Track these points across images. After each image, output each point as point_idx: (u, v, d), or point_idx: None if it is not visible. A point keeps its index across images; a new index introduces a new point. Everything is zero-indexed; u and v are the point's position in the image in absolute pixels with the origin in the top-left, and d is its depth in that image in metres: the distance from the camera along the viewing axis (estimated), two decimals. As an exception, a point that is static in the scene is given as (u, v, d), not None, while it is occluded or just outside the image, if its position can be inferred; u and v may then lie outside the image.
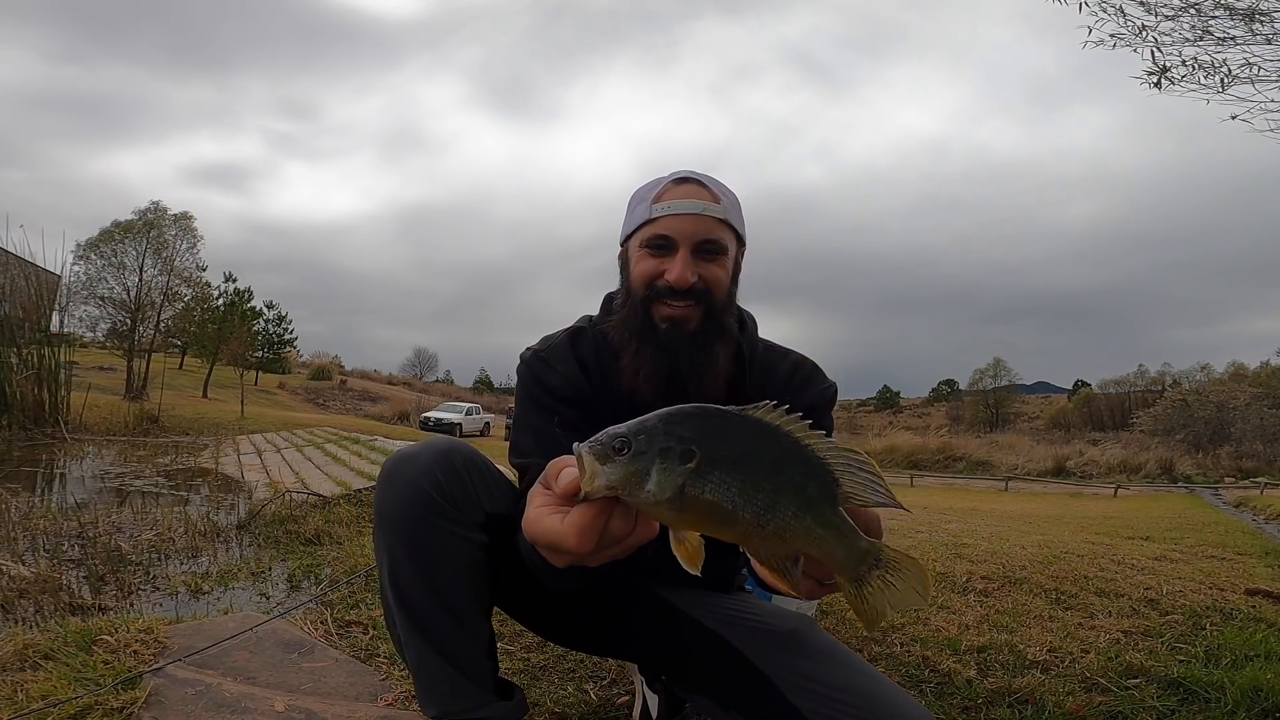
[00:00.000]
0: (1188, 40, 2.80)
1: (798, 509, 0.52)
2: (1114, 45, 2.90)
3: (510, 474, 1.06)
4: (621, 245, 1.11)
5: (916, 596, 0.54)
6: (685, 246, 1.00)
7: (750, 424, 0.53)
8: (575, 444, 0.54)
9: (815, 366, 1.13)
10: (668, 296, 1.01)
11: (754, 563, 0.61)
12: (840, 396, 1.15)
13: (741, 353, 1.07)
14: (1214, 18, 2.75)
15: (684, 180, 1.06)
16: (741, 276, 1.11)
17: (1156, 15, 2.81)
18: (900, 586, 0.54)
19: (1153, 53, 2.82)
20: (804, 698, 0.86)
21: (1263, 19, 2.68)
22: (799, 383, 1.10)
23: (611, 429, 0.53)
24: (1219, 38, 2.77)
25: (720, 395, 1.03)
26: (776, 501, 0.52)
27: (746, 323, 1.13)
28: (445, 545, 0.93)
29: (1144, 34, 2.81)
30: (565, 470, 0.57)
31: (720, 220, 1.03)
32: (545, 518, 0.59)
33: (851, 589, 0.54)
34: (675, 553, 0.54)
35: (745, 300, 1.13)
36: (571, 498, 0.55)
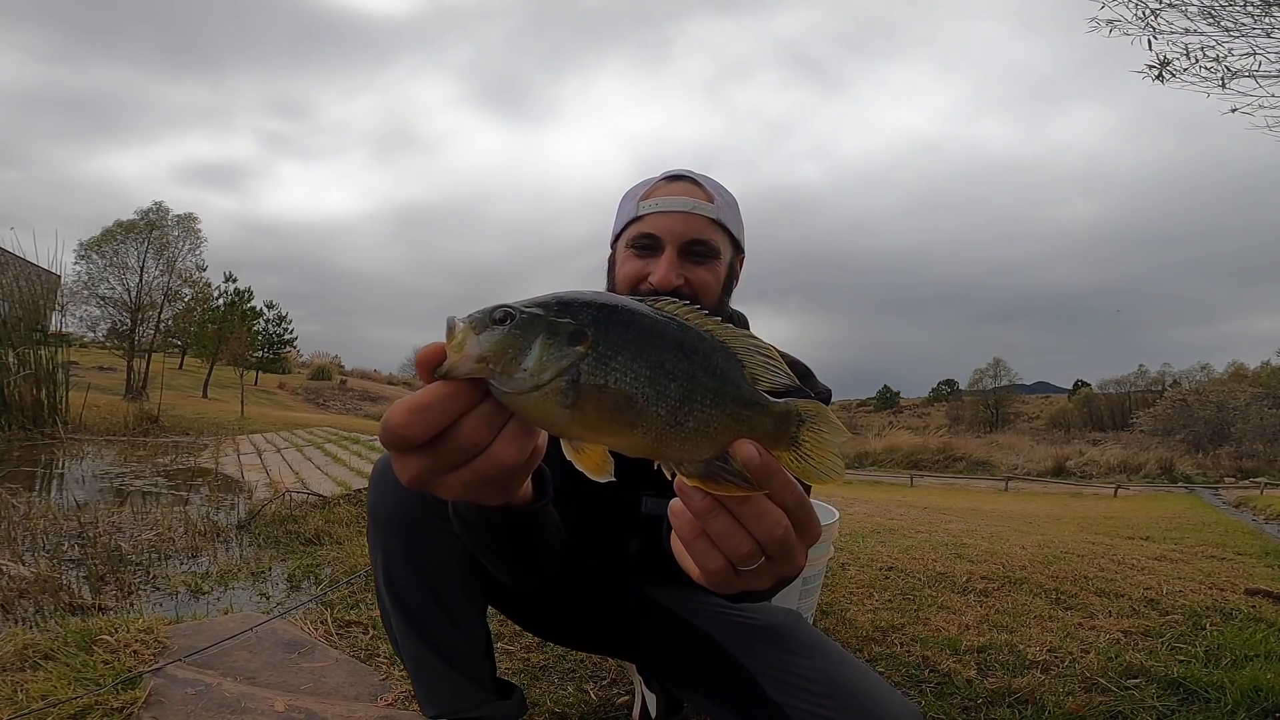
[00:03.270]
0: (1192, 30, 2.79)
1: (716, 395, 0.46)
2: (1111, 32, 2.89)
3: None
4: (611, 246, 1.07)
5: (839, 431, 0.50)
6: (672, 247, 0.95)
7: (648, 309, 0.47)
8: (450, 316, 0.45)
9: (808, 370, 1.10)
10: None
11: (676, 540, 0.51)
12: (840, 396, 1.13)
13: None
14: (1223, 4, 2.73)
15: (676, 178, 1.01)
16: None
17: (1162, 2, 2.79)
18: (827, 431, 0.49)
19: (1149, 41, 2.82)
20: (785, 693, 0.86)
21: (1273, 8, 2.66)
22: None
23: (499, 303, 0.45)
24: (1226, 27, 2.76)
25: None
26: (692, 390, 0.45)
27: (737, 324, 1.11)
28: (438, 543, 0.92)
29: (1154, 18, 2.80)
30: (431, 344, 0.45)
31: (712, 221, 0.97)
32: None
33: (792, 457, 0.49)
34: (575, 462, 0.45)
35: (742, 299, 1.11)
36: (430, 371, 0.44)
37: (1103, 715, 1.49)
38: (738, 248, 1.04)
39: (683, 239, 0.96)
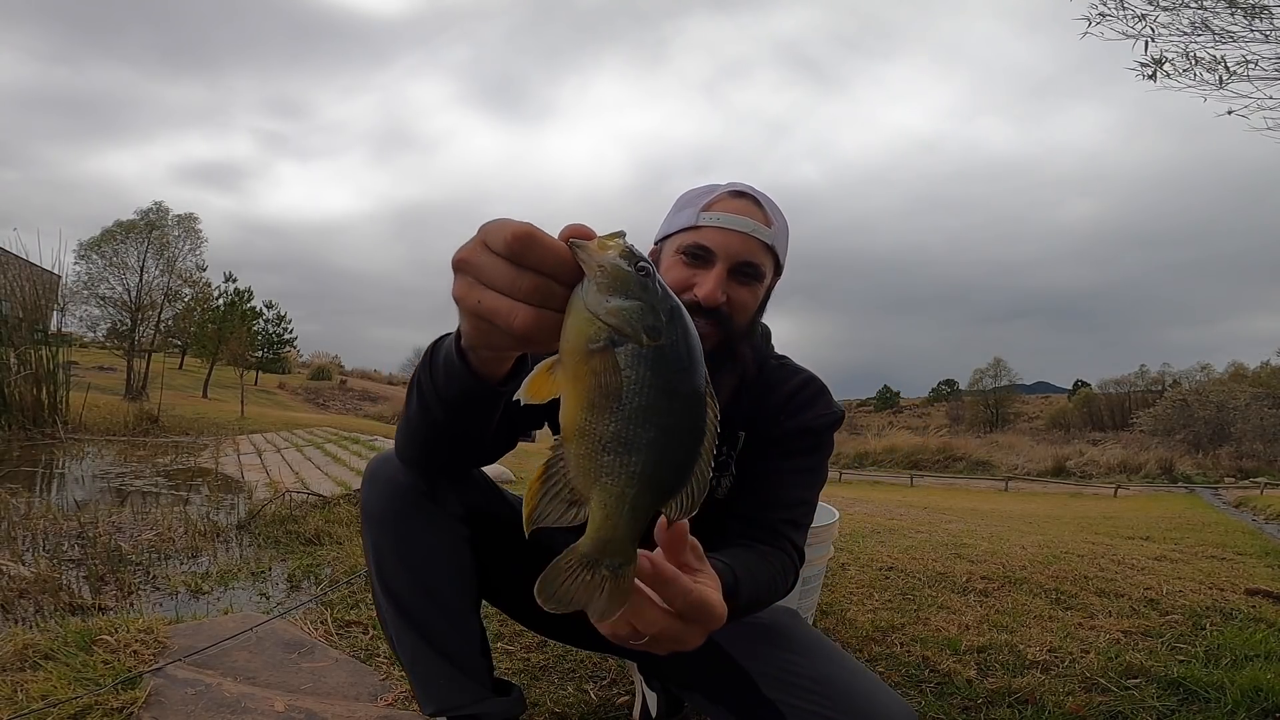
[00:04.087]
0: (1185, 34, 2.81)
1: (642, 469, 0.46)
2: (1096, 24, 2.90)
3: (491, 471, 1.07)
4: (656, 244, 1.06)
5: (611, 607, 0.50)
6: (723, 263, 0.95)
7: (707, 383, 0.49)
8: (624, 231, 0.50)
9: (823, 389, 1.08)
10: (690, 311, 0.97)
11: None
12: (840, 396, 1.12)
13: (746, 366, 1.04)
14: (1215, 13, 2.75)
15: (740, 194, 1.00)
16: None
17: (1155, 5, 2.81)
18: (608, 598, 0.50)
19: (1146, 44, 2.83)
20: (780, 691, 0.86)
21: (1263, 14, 2.67)
22: (800, 403, 1.05)
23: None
24: (1216, 34, 2.77)
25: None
26: (651, 454, 0.46)
27: (757, 337, 1.09)
28: (428, 538, 0.94)
29: (1143, 24, 2.81)
30: (590, 228, 0.50)
31: (766, 245, 0.98)
32: None
33: (579, 567, 0.49)
34: (531, 373, 0.48)
35: None
36: (569, 236, 0.49)
37: (1103, 715, 1.49)
38: (779, 269, 1.05)
39: (735, 259, 0.96)
